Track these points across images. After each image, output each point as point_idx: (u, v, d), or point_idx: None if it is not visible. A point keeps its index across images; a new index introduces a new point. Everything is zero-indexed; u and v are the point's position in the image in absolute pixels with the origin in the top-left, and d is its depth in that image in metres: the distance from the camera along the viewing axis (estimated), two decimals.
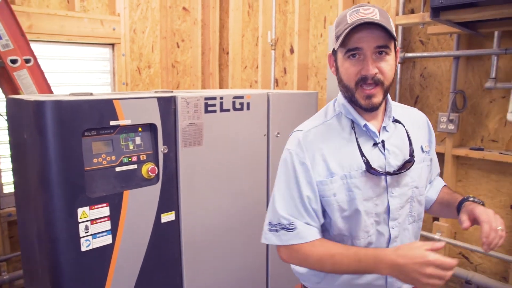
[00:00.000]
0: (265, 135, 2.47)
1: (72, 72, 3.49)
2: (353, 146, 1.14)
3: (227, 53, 4.22)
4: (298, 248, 1.13)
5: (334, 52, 1.15)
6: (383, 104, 1.18)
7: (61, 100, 1.58)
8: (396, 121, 1.22)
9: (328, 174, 1.12)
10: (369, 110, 1.13)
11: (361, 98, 1.10)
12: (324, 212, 1.18)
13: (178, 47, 4.37)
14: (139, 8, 3.93)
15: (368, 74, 1.06)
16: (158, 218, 1.95)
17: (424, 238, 2.89)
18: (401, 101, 2.87)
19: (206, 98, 2.11)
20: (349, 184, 1.12)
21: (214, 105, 2.16)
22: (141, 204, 1.88)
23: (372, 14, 1.04)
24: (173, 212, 2.02)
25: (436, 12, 1.87)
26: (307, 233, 1.14)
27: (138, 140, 1.89)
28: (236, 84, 4.12)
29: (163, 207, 1.97)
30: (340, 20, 1.11)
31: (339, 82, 1.16)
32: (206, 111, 2.13)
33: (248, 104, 2.33)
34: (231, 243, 2.31)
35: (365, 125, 1.15)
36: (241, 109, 2.30)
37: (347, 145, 1.15)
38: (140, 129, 1.89)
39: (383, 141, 1.17)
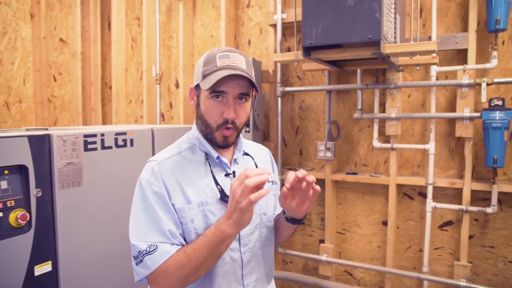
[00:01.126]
0: None
1: None
2: (208, 176, 1.20)
3: (110, 88, 4.04)
4: (168, 266, 1.08)
5: (197, 87, 1.19)
6: None
7: None
8: (245, 154, 1.33)
9: (186, 201, 1.14)
10: (223, 147, 1.21)
11: (219, 137, 1.17)
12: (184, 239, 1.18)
13: (55, 80, 4.05)
14: (5, 37, 3.57)
15: (229, 118, 1.13)
16: (30, 271, 1.72)
17: (311, 260, 3.05)
18: (283, 132, 3.06)
19: (85, 135, 1.97)
20: (205, 211, 1.15)
21: (94, 142, 2.03)
22: (8, 257, 1.64)
23: (240, 63, 1.13)
24: (50, 262, 1.80)
25: (308, 51, 2.06)
26: (171, 247, 1.11)
27: (4, 184, 1.67)
28: (120, 120, 3.94)
29: (36, 258, 1.74)
30: (208, 60, 1.15)
31: (198, 117, 1.20)
32: (86, 149, 1.98)
33: (131, 140, 2.24)
34: None
35: (218, 157, 1.22)
36: (125, 145, 2.20)
37: (202, 174, 1.19)
38: (6, 171, 1.67)
39: (234, 172, 1.25)
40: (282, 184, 1.18)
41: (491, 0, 2.25)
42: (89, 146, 2.00)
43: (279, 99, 3.01)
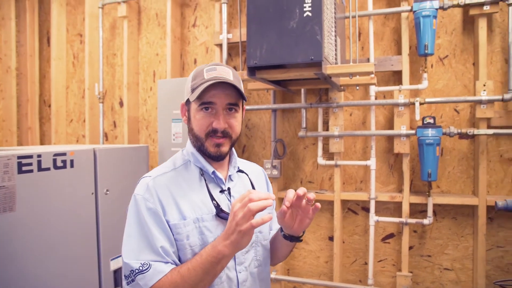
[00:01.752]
0: (92, 193, 2.28)
1: None
2: (203, 192, 1.18)
3: (50, 106, 3.85)
4: (161, 286, 1.04)
5: (188, 102, 1.20)
6: (228, 156, 1.26)
7: None
8: (240, 171, 1.31)
9: (181, 218, 1.12)
10: (217, 158, 1.19)
11: (211, 146, 1.16)
12: (178, 258, 1.14)
13: None
14: None
15: (219, 128, 1.14)
16: None
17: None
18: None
19: (19, 157, 1.85)
20: (201, 228, 1.13)
21: (30, 164, 1.91)
22: None
23: (227, 74, 1.15)
24: None
25: (252, 71, 2.09)
26: (164, 266, 1.07)
27: None
28: (60, 140, 3.75)
29: None
30: (197, 74, 1.18)
31: (190, 131, 1.20)
32: (20, 172, 1.86)
33: (72, 161, 2.14)
34: None
35: (213, 172, 1.20)
36: (64, 167, 2.09)
37: (197, 190, 1.18)
38: None
39: (229, 189, 1.23)
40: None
41: (420, 27, 2.44)
42: (24, 168, 1.88)
43: None
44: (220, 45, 3.05)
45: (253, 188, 1.30)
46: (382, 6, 2.79)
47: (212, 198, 1.17)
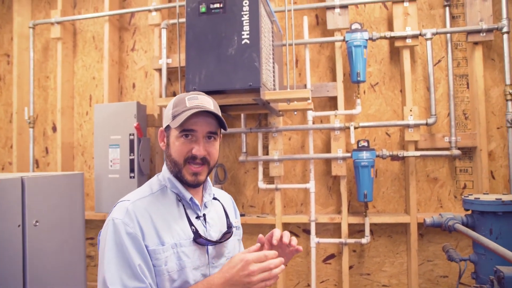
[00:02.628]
0: (19, 225, 2.11)
1: None
2: (181, 217, 1.18)
3: None
4: None
5: (167, 128, 1.20)
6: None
7: None
8: (214, 198, 1.33)
9: (160, 243, 1.11)
10: (193, 186, 1.20)
11: (188, 174, 1.17)
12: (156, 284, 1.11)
13: None
14: None
15: (198, 154, 1.15)
16: None
17: None
18: None
19: None
20: (179, 253, 1.13)
21: None
22: None
23: (208, 103, 1.17)
24: None
25: None
26: None
27: None
28: None
29: None
30: (178, 102, 1.19)
31: (167, 157, 1.20)
32: None
33: None
34: None
35: (191, 199, 1.21)
36: None
37: (175, 216, 1.17)
38: None
39: (204, 215, 1.24)
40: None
41: (352, 56, 2.59)
42: None
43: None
44: (159, 70, 3.02)
45: (226, 215, 1.31)
46: (318, 35, 2.93)
47: (191, 224, 1.17)
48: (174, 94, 3.11)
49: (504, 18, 2.52)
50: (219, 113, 1.20)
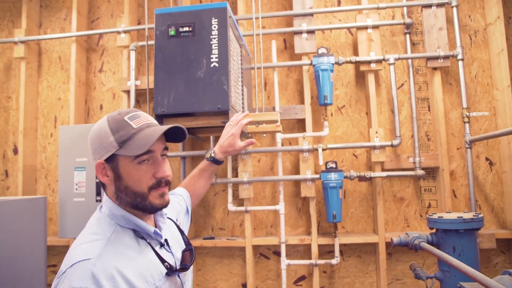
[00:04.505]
0: None
1: None
2: (147, 255, 1.05)
3: None
4: None
5: (110, 159, 1.04)
6: None
7: None
8: (168, 218, 1.23)
9: None
10: (162, 209, 1.09)
11: (155, 199, 1.05)
12: None
13: None
14: None
15: (164, 176, 1.05)
16: None
17: None
18: None
19: None
20: None
21: None
22: None
23: (152, 119, 1.09)
24: None
25: (160, 118, 2.06)
26: None
27: None
28: None
29: None
30: (118, 126, 1.04)
31: (121, 191, 1.04)
32: None
33: None
34: None
35: (155, 231, 1.09)
36: None
37: (141, 255, 1.03)
38: None
39: (166, 240, 1.13)
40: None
41: (319, 80, 2.66)
42: None
43: None
44: (128, 92, 2.99)
45: (181, 231, 1.26)
46: (286, 59, 3.00)
47: (163, 261, 1.06)
48: None
49: (458, 46, 2.67)
50: (180, 125, 1.12)
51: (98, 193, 2.72)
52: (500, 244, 2.64)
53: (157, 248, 1.09)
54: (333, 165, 2.65)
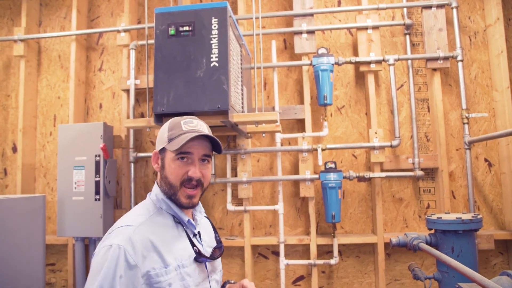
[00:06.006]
0: None
1: None
2: (181, 238, 1.21)
3: None
4: None
5: (162, 151, 1.23)
6: None
7: None
8: (205, 216, 1.38)
9: (163, 266, 1.12)
10: (187, 208, 1.24)
11: (183, 197, 1.20)
12: None
13: None
14: None
15: (194, 176, 1.19)
16: None
17: None
18: (137, 199, 2.92)
19: None
20: (182, 274, 1.16)
21: None
22: None
23: (202, 128, 1.23)
24: None
25: (159, 118, 2.07)
26: None
27: None
28: None
29: None
30: (173, 126, 1.23)
31: (162, 179, 1.23)
32: None
33: None
34: None
35: (188, 220, 1.24)
36: None
37: (175, 237, 1.20)
38: None
39: (199, 232, 1.28)
40: None
41: (319, 80, 2.66)
42: None
43: (132, 164, 2.91)
44: (127, 91, 2.98)
45: (215, 230, 1.39)
46: (286, 59, 3.00)
47: (193, 245, 1.21)
48: (142, 115, 3.08)
49: (458, 48, 2.68)
50: (214, 137, 1.26)
51: (97, 192, 2.71)
52: (498, 245, 2.65)
53: (191, 236, 1.24)
54: (332, 165, 2.65)
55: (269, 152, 2.86)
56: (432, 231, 2.07)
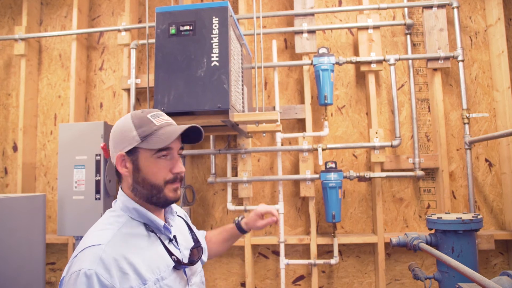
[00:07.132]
0: None
1: None
2: (157, 248, 1.11)
3: None
4: None
5: (131, 152, 1.10)
6: None
7: None
8: (178, 215, 1.30)
9: (141, 282, 1.01)
10: (174, 201, 1.15)
11: (170, 192, 1.12)
12: None
13: None
14: None
15: (180, 172, 1.12)
16: None
17: None
18: None
19: None
20: (162, 287, 1.06)
21: None
22: None
23: (171, 119, 1.17)
24: None
25: None
26: None
27: None
28: None
29: None
30: (141, 122, 1.11)
31: (137, 182, 1.10)
32: None
33: None
34: None
35: (164, 225, 1.15)
36: None
37: (149, 247, 1.09)
38: None
39: (175, 237, 1.18)
40: None
41: (319, 80, 2.66)
42: None
43: None
44: (128, 90, 2.99)
45: (191, 229, 1.32)
46: (286, 59, 3.00)
47: (171, 254, 1.11)
48: None
49: (459, 48, 2.68)
50: (199, 126, 1.18)
51: (98, 191, 2.72)
52: (498, 245, 2.65)
53: (166, 242, 1.15)
54: (333, 165, 2.65)
55: (269, 151, 2.86)
56: (432, 231, 2.07)
